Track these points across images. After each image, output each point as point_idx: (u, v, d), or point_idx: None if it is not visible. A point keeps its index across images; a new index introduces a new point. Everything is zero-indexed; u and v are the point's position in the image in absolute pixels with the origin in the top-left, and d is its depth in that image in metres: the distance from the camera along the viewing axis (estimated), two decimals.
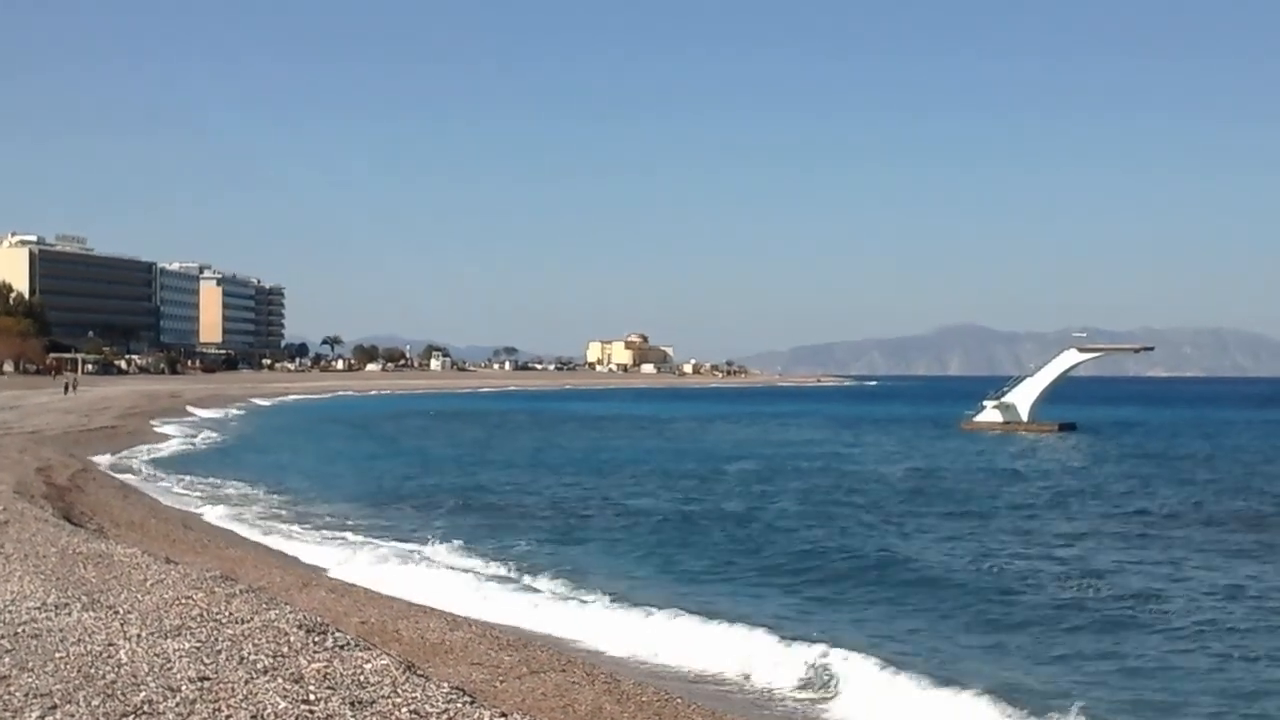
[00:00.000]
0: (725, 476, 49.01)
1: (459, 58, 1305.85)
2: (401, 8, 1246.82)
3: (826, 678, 16.25)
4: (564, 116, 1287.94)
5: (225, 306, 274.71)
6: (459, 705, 9.69)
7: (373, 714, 9.34)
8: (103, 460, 47.01)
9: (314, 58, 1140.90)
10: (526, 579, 23.65)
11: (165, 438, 65.16)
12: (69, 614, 13.14)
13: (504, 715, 9.73)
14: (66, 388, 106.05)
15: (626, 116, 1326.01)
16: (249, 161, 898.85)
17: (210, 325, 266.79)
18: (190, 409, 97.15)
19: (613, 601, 21.08)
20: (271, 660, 11.05)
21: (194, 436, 68.20)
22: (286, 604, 14.69)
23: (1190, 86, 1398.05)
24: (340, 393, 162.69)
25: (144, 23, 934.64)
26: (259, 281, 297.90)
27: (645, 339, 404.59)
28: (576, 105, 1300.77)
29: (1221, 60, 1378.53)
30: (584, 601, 21.34)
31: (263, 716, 9.24)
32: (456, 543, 27.72)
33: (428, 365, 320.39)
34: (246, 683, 10.13)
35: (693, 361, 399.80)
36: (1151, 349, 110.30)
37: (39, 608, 13.44)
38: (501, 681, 14.32)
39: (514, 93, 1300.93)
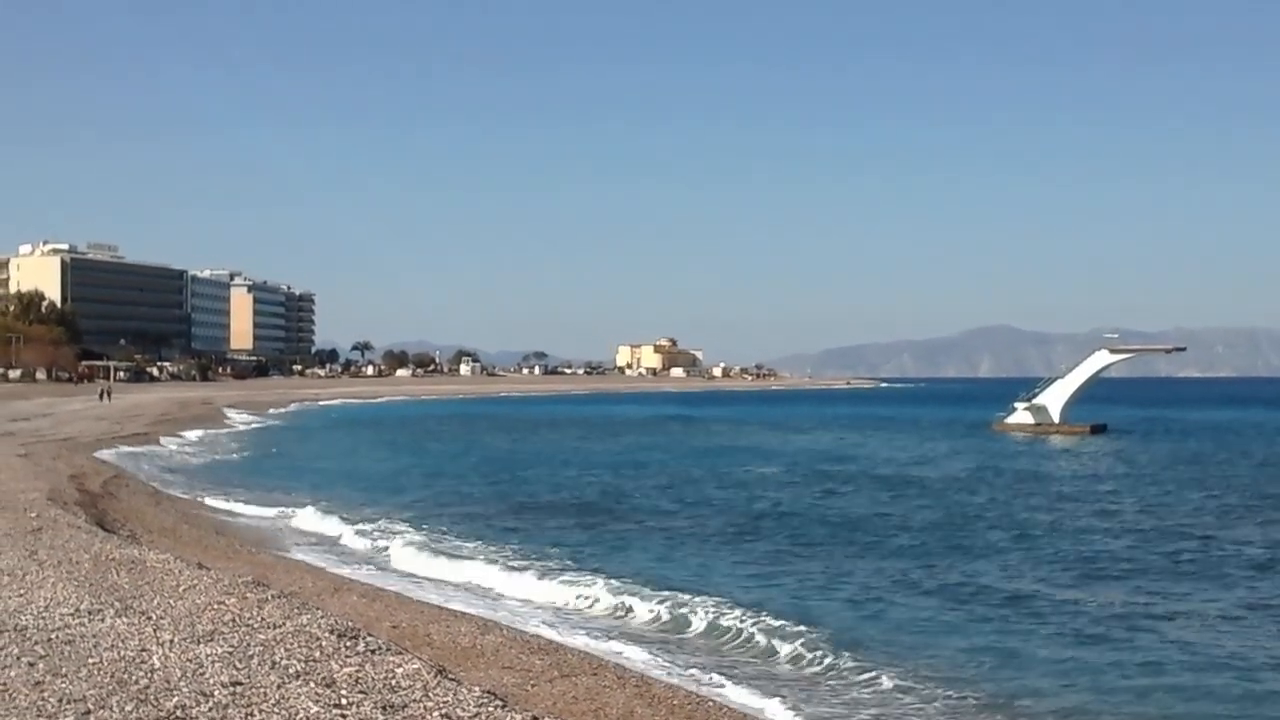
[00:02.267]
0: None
1: (488, 64, 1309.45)
2: (429, 17, 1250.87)
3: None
4: (595, 121, 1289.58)
5: (256, 313, 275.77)
6: (490, 709, 9.69)
7: (404, 718, 9.35)
8: (134, 466, 47.16)
9: (345, 66, 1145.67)
10: None
11: (200, 444, 65.40)
12: (102, 620, 13.20)
13: (535, 719, 9.73)
14: (102, 395, 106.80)
15: (656, 121, 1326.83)
16: (280, 169, 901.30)
17: (241, 332, 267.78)
18: (223, 416, 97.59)
19: None
20: (304, 665, 11.07)
21: (228, 442, 68.47)
22: (318, 609, 14.73)
23: (1221, 89, 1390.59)
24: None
25: (175, 32, 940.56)
26: (289, 288, 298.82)
27: (674, 343, 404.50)
28: (607, 110, 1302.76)
29: (1254, 63, 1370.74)
30: None
31: None
32: None
33: (457, 371, 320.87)
34: (279, 687, 10.15)
35: (722, 365, 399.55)
36: (1183, 349, 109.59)
37: (72, 614, 13.50)
38: (533, 685, 14.31)
39: (544, 99, 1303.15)
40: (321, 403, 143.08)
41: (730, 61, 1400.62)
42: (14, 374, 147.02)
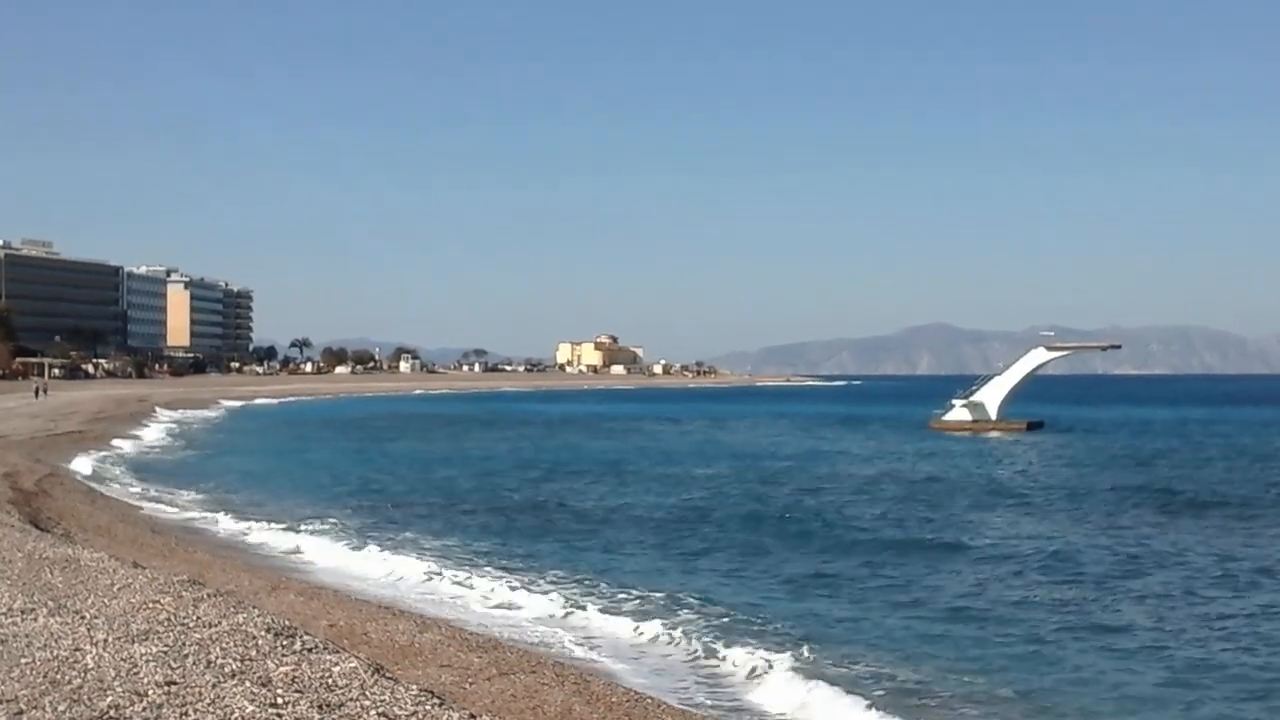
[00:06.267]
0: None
1: (426, 62, 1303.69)
2: (365, 10, 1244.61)
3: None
4: (533, 120, 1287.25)
5: (193, 310, 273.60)
6: (428, 707, 9.68)
7: (341, 717, 9.33)
8: (70, 465, 46.73)
9: (282, 59, 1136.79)
10: None
11: (133, 441, 64.84)
12: (35, 619, 13.08)
13: (473, 717, 9.74)
14: (37, 392, 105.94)
15: (595, 119, 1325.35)
16: (218, 165, 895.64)
17: (178, 329, 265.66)
18: (158, 413, 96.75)
19: None
20: (239, 664, 11.02)
21: (162, 440, 67.94)
22: (255, 607, 14.66)
23: (1154, 86, 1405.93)
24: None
25: (106, 27, 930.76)
26: (227, 284, 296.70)
27: (615, 340, 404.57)
28: (544, 108, 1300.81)
29: (1185, 60, 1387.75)
30: None
31: None
32: None
33: (397, 368, 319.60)
34: (214, 686, 10.10)
35: (662, 362, 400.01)
36: (1119, 347, 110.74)
37: (4, 613, 13.37)
38: (471, 683, 14.31)
39: (483, 97, 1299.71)
40: (263, 401, 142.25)
41: (666, 59, 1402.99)
42: None
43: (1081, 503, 39.95)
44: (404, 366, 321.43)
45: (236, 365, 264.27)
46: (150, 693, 9.90)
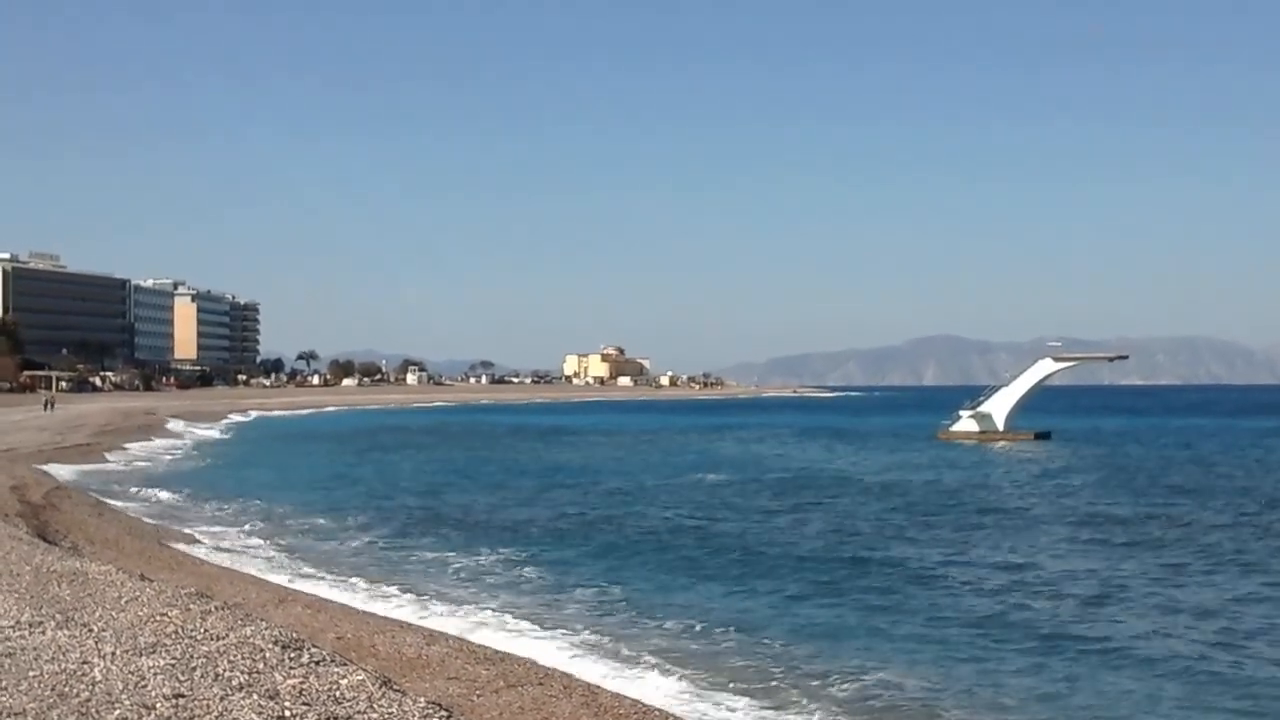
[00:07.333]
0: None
1: (430, 73, 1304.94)
2: (371, 19, 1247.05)
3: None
4: (540, 131, 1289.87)
5: (200, 323, 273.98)
6: None
7: None
8: (77, 477, 46.76)
9: (289, 69, 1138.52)
10: None
11: (141, 454, 64.88)
12: (43, 632, 13.08)
13: None
14: (46, 405, 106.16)
15: (602, 130, 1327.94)
16: (225, 177, 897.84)
17: (185, 341, 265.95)
18: (166, 426, 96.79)
19: None
20: (247, 677, 11.01)
21: (169, 453, 67.97)
22: (262, 620, 14.64)
23: (1160, 95, 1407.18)
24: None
25: (112, 39, 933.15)
26: (234, 297, 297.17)
27: (622, 351, 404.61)
28: (551, 120, 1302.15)
29: (1191, 67, 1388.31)
30: None
31: None
32: None
33: (404, 380, 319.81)
34: (222, 699, 10.09)
35: (669, 373, 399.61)
36: (1126, 358, 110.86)
37: (13, 626, 13.37)
38: (478, 695, 14.29)
39: (488, 109, 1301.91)
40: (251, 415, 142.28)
41: (672, 67, 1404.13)
42: None
43: (1077, 512, 39.85)
44: (411, 379, 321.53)
45: (243, 378, 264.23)
46: (158, 706, 9.89)
